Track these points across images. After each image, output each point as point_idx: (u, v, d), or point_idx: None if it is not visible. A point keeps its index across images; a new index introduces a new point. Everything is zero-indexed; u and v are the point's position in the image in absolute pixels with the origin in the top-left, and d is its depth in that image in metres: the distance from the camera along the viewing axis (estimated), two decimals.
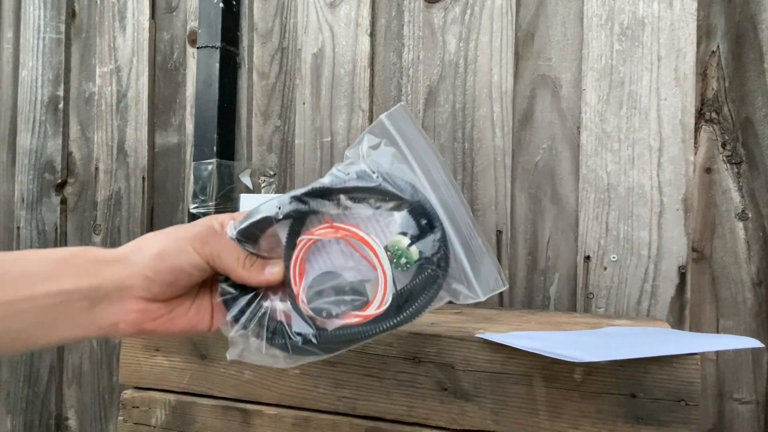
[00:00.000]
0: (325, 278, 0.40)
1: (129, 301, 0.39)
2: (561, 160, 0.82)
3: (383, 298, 0.39)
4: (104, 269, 0.38)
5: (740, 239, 0.74)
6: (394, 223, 0.39)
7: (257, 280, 0.41)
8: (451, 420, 0.54)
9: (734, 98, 0.75)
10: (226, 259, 0.40)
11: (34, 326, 0.36)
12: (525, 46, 0.84)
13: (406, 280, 0.39)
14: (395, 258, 0.38)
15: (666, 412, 0.48)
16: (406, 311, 0.39)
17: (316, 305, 0.40)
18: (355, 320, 0.39)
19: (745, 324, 0.74)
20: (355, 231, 0.39)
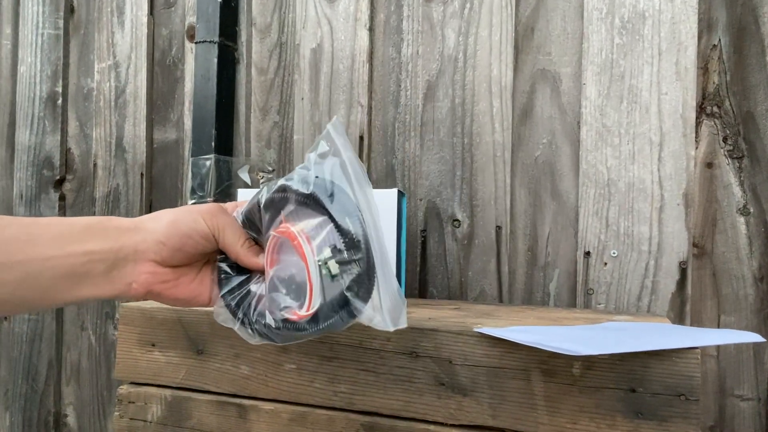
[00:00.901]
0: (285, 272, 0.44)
1: (142, 264, 0.44)
2: (561, 155, 0.81)
3: (309, 303, 0.42)
4: (123, 235, 0.43)
5: (742, 234, 0.74)
6: (327, 237, 0.42)
7: (248, 262, 0.46)
8: (448, 415, 0.53)
9: (736, 92, 0.74)
10: (230, 235, 0.46)
11: (62, 282, 0.41)
12: (524, 41, 0.83)
13: (336, 290, 0.42)
14: (324, 269, 0.42)
15: (666, 407, 0.47)
16: (322, 324, 0.42)
17: (273, 297, 0.44)
18: (293, 317, 0.43)
19: (747, 320, 0.73)
20: (294, 234, 0.43)
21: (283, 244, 0.44)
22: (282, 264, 0.44)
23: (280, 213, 0.44)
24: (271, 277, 0.44)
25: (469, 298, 0.85)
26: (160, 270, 0.45)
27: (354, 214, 0.42)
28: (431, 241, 0.87)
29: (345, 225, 0.42)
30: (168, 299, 0.46)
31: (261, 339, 0.45)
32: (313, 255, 0.42)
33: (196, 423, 0.61)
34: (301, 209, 0.43)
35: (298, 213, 0.44)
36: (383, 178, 0.90)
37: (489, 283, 0.84)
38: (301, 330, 0.43)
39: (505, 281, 0.83)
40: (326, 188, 0.43)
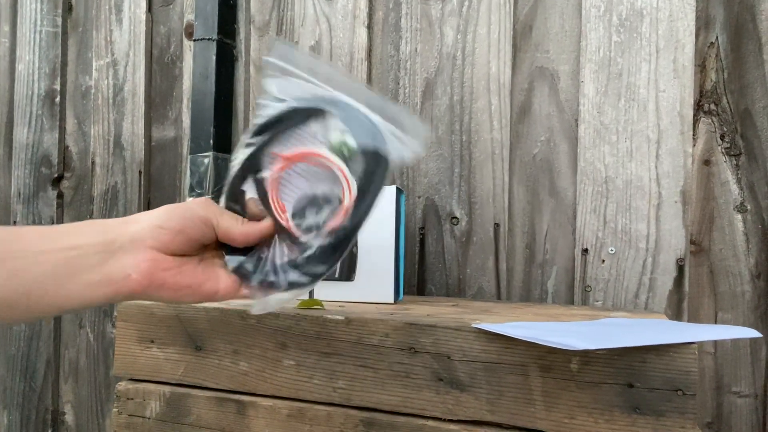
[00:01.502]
0: (301, 202, 0.45)
1: (141, 252, 0.41)
2: (559, 153, 0.81)
3: (350, 188, 0.44)
4: (116, 227, 0.42)
5: (739, 232, 0.74)
6: (325, 129, 0.44)
7: (255, 230, 0.45)
8: (446, 410, 0.53)
9: (733, 90, 0.74)
10: (227, 219, 0.45)
11: (52, 279, 0.38)
12: (523, 38, 0.83)
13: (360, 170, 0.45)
14: (340, 153, 0.44)
15: (663, 402, 0.47)
16: (370, 194, 0.44)
17: (305, 224, 0.45)
18: (340, 219, 0.44)
19: (744, 317, 0.74)
20: (302, 151, 0.44)
21: (282, 182, 0.45)
22: (292, 195, 0.45)
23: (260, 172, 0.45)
24: (288, 217, 0.45)
25: (467, 295, 0.85)
26: (161, 257, 0.42)
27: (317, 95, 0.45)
28: (429, 238, 0.87)
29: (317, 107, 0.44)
30: (173, 287, 0.43)
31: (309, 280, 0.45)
32: (325, 148, 0.44)
33: (194, 419, 0.61)
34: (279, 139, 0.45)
35: (280, 143, 0.45)
36: None
37: (487, 280, 0.84)
38: (349, 228, 0.43)
39: (503, 278, 0.83)
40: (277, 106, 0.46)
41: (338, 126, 0.44)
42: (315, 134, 0.44)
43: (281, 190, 0.45)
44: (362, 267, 0.71)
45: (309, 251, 0.44)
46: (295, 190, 0.45)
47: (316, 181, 0.45)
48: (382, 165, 0.44)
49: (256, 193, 0.46)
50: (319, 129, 0.44)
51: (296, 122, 0.45)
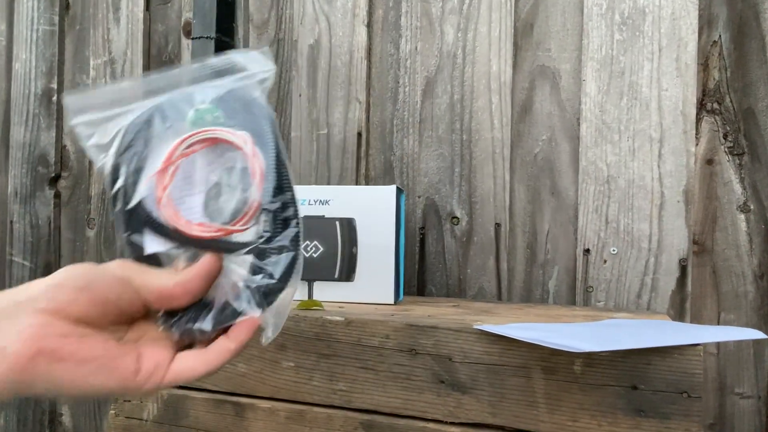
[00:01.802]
0: (207, 200, 0.35)
1: (24, 317, 0.29)
2: (560, 152, 0.81)
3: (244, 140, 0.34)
4: (1, 294, 0.30)
5: (742, 231, 0.73)
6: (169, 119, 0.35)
7: (197, 272, 0.33)
8: (447, 413, 0.53)
9: (736, 88, 0.74)
10: (155, 276, 0.33)
11: None
12: (524, 37, 0.82)
13: None
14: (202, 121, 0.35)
15: (667, 404, 0.47)
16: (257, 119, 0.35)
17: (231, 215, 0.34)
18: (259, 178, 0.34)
19: (747, 317, 0.73)
20: (169, 151, 0.34)
21: (175, 202, 0.34)
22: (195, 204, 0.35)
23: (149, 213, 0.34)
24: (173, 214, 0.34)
25: (467, 296, 0.84)
26: (57, 322, 0.29)
27: None
28: (430, 238, 0.86)
29: None
30: (72, 359, 0.29)
31: None
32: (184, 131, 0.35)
33: (192, 421, 0.61)
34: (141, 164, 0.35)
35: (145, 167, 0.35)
36: (381, 175, 0.89)
37: (488, 280, 0.83)
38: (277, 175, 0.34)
39: (504, 279, 0.83)
40: None
41: (179, 107, 0.35)
42: (164, 130, 0.35)
43: (181, 211, 0.34)
44: (362, 267, 0.70)
45: (263, 233, 0.34)
46: (193, 198, 0.35)
47: (204, 167, 0.35)
48: (248, 94, 0.36)
49: (160, 236, 0.34)
50: (162, 124, 0.35)
51: (137, 139, 0.35)
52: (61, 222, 1.14)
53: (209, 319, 0.34)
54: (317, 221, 0.71)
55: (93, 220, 1.09)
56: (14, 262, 1.15)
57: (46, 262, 1.13)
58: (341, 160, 0.92)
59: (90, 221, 1.10)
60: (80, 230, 1.12)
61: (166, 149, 0.34)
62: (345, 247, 0.70)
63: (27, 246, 1.14)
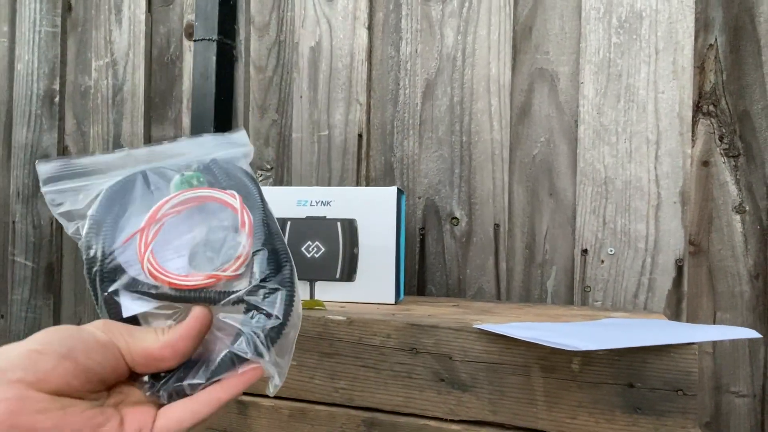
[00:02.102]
0: (192, 254, 0.34)
1: (1, 389, 0.27)
2: (558, 154, 0.82)
3: (233, 197, 0.35)
4: None
5: (737, 232, 0.74)
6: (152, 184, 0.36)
7: (186, 330, 0.32)
8: (448, 411, 0.54)
9: (732, 91, 0.75)
10: (140, 336, 0.32)
11: None
12: (523, 40, 0.83)
13: None
14: (189, 183, 0.35)
15: (664, 402, 0.48)
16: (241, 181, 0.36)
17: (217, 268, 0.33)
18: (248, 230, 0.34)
19: (742, 317, 0.74)
20: (151, 211, 0.34)
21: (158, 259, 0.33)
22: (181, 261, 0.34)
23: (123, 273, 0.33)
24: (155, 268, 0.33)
25: (467, 296, 0.85)
26: (32, 395, 0.27)
27: None
28: (430, 238, 0.87)
29: None
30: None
31: None
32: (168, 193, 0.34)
33: None
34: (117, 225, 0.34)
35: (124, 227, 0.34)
36: (382, 177, 0.90)
37: (487, 280, 0.84)
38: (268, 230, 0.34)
39: (503, 279, 0.84)
40: None
41: (163, 173, 0.35)
42: (147, 193, 0.35)
43: (166, 266, 0.33)
44: (363, 267, 0.71)
45: (251, 281, 0.33)
46: (178, 256, 0.34)
47: (189, 225, 0.34)
48: (232, 162, 0.36)
49: (141, 296, 0.33)
50: (145, 188, 0.35)
51: (116, 201, 0.34)
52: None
53: (201, 373, 0.32)
54: (319, 222, 0.72)
55: None
56: (16, 262, 1.16)
57: (47, 263, 1.14)
58: (342, 161, 0.93)
59: None
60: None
61: (148, 210, 0.34)
62: (346, 248, 0.71)
63: (29, 246, 1.15)
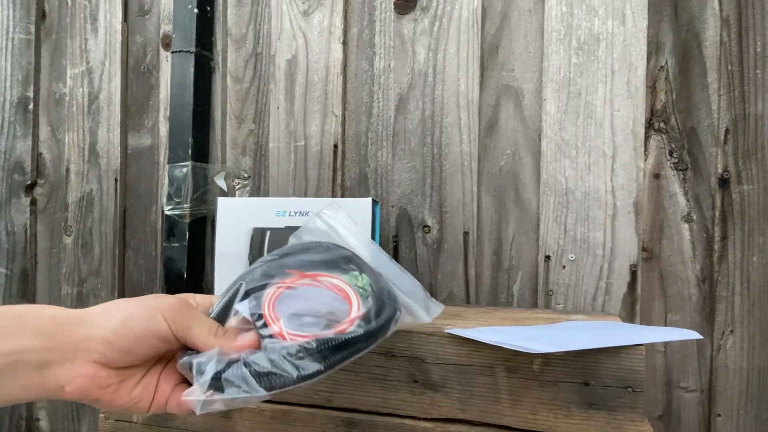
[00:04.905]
0: (300, 312, 0.42)
1: (81, 365, 0.37)
2: (523, 166, 0.87)
3: (358, 306, 0.43)
4: (62, 329, 0.37)
5: (686, 240, 0.81)
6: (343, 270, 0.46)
7: (230, 346, 0.40)
8: (421, 410, 0.58)
9: (681, 110, 0.81)
10: (197, 330, 0.40)
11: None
12: (490, 58, 0.88)
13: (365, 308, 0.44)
14: (354, 284, 0.44)
15: (615, 398, 0.53)
16: (377, 319, 0.43)
17: (301, 330, 0.40)
18: (346, 325, 0.41)
19: (690, 318, 0.80)
20: (318, 272, 0.45)
21: (282, 297, 0.43)
22: (290, 307, 0.42)
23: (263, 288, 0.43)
24: (282, 324, 0.41)
25: (438, 300, 0.90)
26: (102, 373, 0.38)
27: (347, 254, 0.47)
28: (403, 246, 0.91)
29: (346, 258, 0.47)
30: (105, 406, 0.39)
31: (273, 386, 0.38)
32: (340, 276, 0.44)
33: (180, 423, 0.64)
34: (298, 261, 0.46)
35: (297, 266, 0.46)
36: (357, 186, 0.94)
37: (457, 285, 0.89)
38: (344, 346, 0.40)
39: (472, 283, 0.88)
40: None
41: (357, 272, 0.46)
42: (334, 268, 0.46)
43: (279, 303, 0.42)
44: None
45: (306, 344, 0.39)
46: (295, 305, 0.42)
47: (321, 298, 0.43)
48: (389, 309, 0.44)
49: (249, 310, 0.42)
50: (339, 268, 0.46)
51: (320, 256, 0.46)
52: (38, 229, 1.15)
53: None
54: None
55: (70, 228, 1.11)
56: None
57: (22, 269, 1.14)
58: (318, 170, 0.96)
59: (67, 228, 1.11)
60: (57, 237, 1.13)
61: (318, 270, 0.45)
62: None
63: (3, 253, 1.15)
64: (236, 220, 0.78)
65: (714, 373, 0.80)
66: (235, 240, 0.78)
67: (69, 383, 0.37)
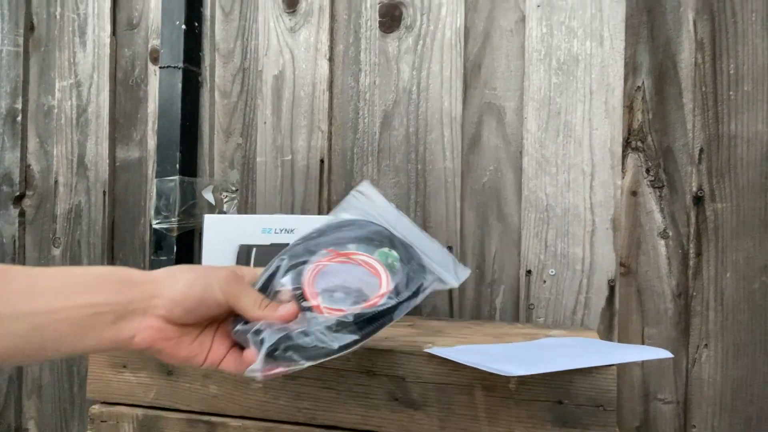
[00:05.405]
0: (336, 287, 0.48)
1: (150, 319, 0.44)
2: (505, 182, 0.89)
3: (388, 281, 0.48)
4: (135, 288, 0.44)
5: (662, 256, 0.83)
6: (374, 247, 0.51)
7: (273, 317, 0.46)
8: (401, 427, 0.59)
9: (657, 129, 0.83)
10: (244, 301, 0.46)
11: (67, 334, 0.41)
12: (473, 76, 0.90)
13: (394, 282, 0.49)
14: (384, 260, 0.49)
15: (588, 417, 0.55)
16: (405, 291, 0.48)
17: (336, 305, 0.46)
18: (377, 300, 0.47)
19: (667, 332, 0.83)
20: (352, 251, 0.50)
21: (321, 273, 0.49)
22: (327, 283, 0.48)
23: (305, 263, 0.49)
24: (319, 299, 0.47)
25: (423, 314, 0.92)
26: (167, 327, 0.45)
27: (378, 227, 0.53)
28: None
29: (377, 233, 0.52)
30: (167, 357, 0.46)
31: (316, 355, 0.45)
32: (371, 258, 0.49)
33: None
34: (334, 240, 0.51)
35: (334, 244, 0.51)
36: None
37: (441, 299, 0.91)
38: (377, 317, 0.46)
39: (456, 297, 0.90)
40: None
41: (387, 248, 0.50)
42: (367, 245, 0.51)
43: (317, 279, 0.48)
44: None
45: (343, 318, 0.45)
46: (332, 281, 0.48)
47: (355, 275, 0.48)
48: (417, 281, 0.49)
49: (291, 284, 0.48)
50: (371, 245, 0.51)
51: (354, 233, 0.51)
52: (26, 241, 1.15)
53: None
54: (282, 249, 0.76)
55: (59, 239, 1.12)
56: None
57: None
58: (305, 185, 0.98)
59: (56, 240, 1.12)
60: (45, 249, 1.14)
61: None
62: None
63: None
64: (222, 237, 0.80)
65: (689, 385, 0.82)
66: (221, 256, 0.79)
67: (139, 334, 0.43)
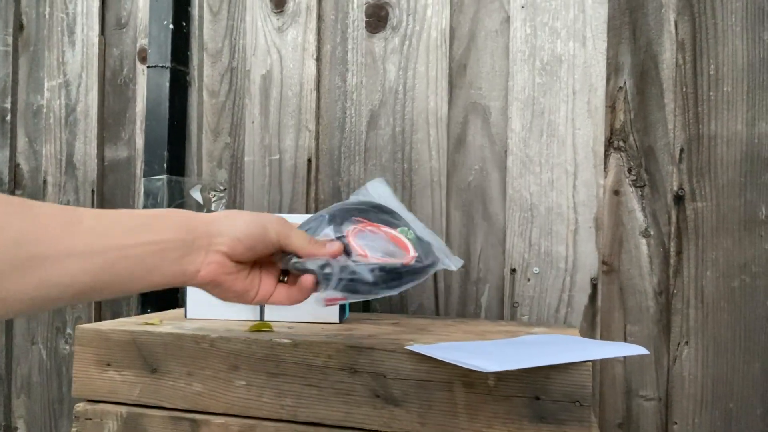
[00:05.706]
0: (372, 244, 0.55)
1: (213, 255, 0.48)
2: (491, 181, 0.89)
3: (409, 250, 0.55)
4: (198, 226, 0.47)
5: (644, 254, 0.84)
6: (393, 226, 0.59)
7: (322, 252, 0.52)
8: (383, 423, 0.60)
9: (639, 129, 0.84)
10: (296, 239, 0.52)
11: (137, 270, 0.43)
12: (458, 76, 0.91)
13: None
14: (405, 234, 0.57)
15: (564, 412, 0.56)
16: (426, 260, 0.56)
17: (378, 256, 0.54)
18: (406, 261, 0.54)
19: (648, 329, 0.84)
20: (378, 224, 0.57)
21: (358, 234, 0.55)
22: (364, 243, 0.55)
23: (343, 224, 0.56)
24: (358, 247, 0.54)
25: (409, 312, 0.92)
26: (227, 263, 0.49)
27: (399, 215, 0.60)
28: None
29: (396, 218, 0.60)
30: (224, 290, 0.50)
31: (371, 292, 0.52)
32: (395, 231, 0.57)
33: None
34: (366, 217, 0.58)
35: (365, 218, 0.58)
36: (330, 199, 0.96)
37: (427, 297, 0.92)
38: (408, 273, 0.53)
39: (442, 295, 0.91)
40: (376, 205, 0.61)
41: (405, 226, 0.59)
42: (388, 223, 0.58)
43: (355, 237, 0.55)
44: None
45: (385, 264, 0.53)
46: (367, 242, 0.55)
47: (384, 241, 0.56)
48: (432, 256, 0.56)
49: (334, 233, 0.55)
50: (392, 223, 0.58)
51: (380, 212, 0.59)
52: None
53: None
54: None
55: None
56: None
57: None
58: (292, 184, 0.98)
59: None
60: None
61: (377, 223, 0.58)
62: None
63: None
64: None
65: (671, 382, 0.83)
66: None
67: (204, 268, 0.47)
